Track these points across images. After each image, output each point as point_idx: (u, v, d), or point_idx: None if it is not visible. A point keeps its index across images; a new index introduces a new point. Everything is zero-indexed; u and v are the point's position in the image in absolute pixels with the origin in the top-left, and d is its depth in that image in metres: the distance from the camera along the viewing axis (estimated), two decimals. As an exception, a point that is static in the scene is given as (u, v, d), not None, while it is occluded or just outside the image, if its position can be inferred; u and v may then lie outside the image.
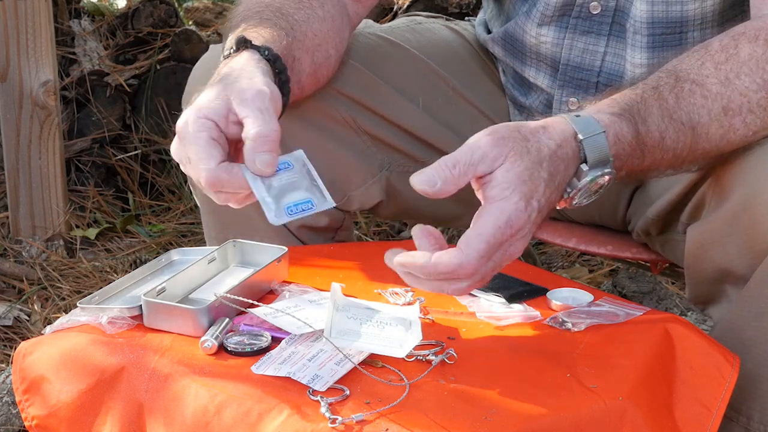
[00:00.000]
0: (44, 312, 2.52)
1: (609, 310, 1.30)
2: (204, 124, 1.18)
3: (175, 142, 1.22)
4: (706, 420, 1.18)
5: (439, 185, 1.16)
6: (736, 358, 1.23)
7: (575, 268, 2.74)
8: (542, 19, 1.58)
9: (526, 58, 1.64)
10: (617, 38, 1.55)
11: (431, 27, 1.76)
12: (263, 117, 1.17)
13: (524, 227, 1.16)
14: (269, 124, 1.17)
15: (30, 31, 2.71)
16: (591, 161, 1.20)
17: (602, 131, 1.21)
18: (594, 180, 1.21)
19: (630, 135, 1.23)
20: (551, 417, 1.09)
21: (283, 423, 1.07)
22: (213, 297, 1.23)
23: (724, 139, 1.29)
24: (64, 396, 1.20)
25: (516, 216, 1.15)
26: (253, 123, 1.16)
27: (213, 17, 3.61)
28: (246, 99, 1.18)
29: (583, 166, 1.20)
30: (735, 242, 1.29)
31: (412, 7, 3.15)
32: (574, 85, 1.60)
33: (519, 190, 1.15)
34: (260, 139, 1.16)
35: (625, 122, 1.23)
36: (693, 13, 1.49)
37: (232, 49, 1.31)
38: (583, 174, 1.20)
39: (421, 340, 1.18)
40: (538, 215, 1.18)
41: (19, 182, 2.80)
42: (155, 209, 3.06)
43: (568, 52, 1.58)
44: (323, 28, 1.47)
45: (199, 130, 1.18)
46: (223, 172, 1.17)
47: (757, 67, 1.28)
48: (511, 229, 1.15)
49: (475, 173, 1.16)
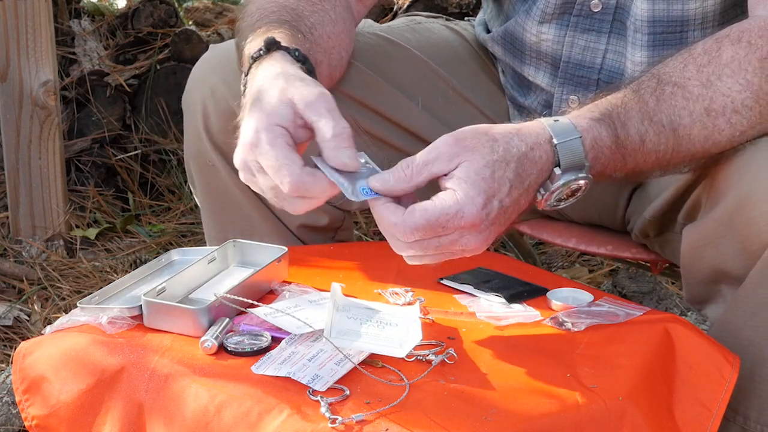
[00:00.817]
0: (44, 312, 2.52)
1: (609, 310, 1.30)
2: (278, 131, 1.20)
3: (243, 152, 1.22)
4: (706, 420, 1.18)
5: (391, 182, 1.18)
6: (736, 358, 1.23)
7: (575, 268, 2.74)
8: (543, 17, 1.58)
9: (525, 57, 1.64)
10: (618, 36, 1.56)
11: (431, 27, 1.76)
12: (335, 117, 1.20)
13: (479, 224, 1.16)
14: (343, 123, 1.21)
15: (30, 31, 2.71)
16: (564, 165, 1.21)
17: (578, 136, 1.21)
18: (567, 184, 1.22)
19: (609, 140, 1.24)
20: (551, 417, 1.09)
21: (283, 423, 1.07)
22: (213, 297, 1.23)
23: (709, 140, 1.29)
24: (64, 396, 1.20)
25: (470, 211, 1.15)
26: (328, 124, 1.20)
27: (213, 17, 3.61)
28: (311, 102, 1.21)
29: (557, 170, 1.21)
30: (729, 243, 1.29)
31: (412, 7, 3.15)
32: (574, 82, 1.60)
33: (477, 186, 1.16)
34: (341, 137, 1.19)
35: (604, 127, 1.24)
36: (694, 12, 1.50)
37: (263, 50, 1.31)
38: (556, 177, 1.21)
39: (421, 340, 1.18)
40: (500, 214, 1.18)
41: (19, 182, 2.80)
42: (155, 209, 3.06)
43: (569, 49, 1.58)
44: (336, 31, 1.48)
45: (276, 137, 1.20)
46: (307, 176, 1.19)
47: (739, 68, 1.28)
48: (461, 221, 1.15)
49: (430, 172, 1.17)
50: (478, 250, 1.20)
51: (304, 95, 1.21)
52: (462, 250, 1.19)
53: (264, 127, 1.20)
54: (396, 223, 1.17)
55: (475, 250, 1.20)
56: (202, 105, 1.55)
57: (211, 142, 1.56)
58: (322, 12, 1.47)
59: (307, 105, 1.21)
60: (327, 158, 1.20)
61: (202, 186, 1.62)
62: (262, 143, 1.19)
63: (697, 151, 1.30)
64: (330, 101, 1.22)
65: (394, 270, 1.42)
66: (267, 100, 1.22)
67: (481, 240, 1.18)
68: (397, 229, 1.17)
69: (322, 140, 1.20)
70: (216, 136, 1.55)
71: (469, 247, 1.19)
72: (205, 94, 1.55)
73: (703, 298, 1.40)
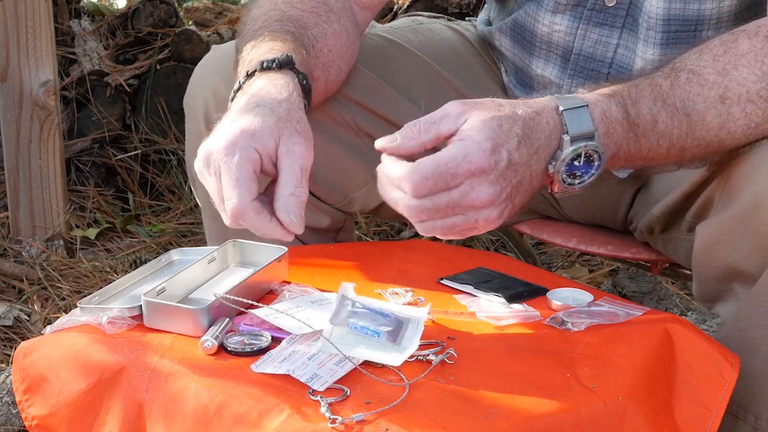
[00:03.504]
0: (44, 312, 2.52)
1: (609, 310, 1.30)
2: (252, 156, 1.21)
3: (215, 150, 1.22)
4: (706, 420, 1.18)
5: (398, 141, 1.18)
6: (736, 358, 1.23)
7: (575, 268, 2.74)
8: (556, 7, 1.58)
9: (535, 49, 1.63)
10: (630, 31, 1.56)
11: (433, 27, 1.76)
12: (302, 177, 1.22)
13: (488, 170, 1.15)
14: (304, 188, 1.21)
15: (30, 31, 2.71)
16: (572, 132, 1.21)
17: (585, 104, 1.22)
18: (578, 152, 1.21)
19: (619, 115, 1.24)
20: (551, 417, 1.09)
21: (283, 423, 1.07)
22: (213, 297, 1.23)
23: (723, 128, 1.29)
24: (64, 396, 1.20)
25: (477, 154, 1.15)
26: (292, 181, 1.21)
27: (213, 17, 3.61)
28: (293, 153, 1.22)
29: (565, 137, 1.21)
30: (745, 241, 1.29)
31: (412, 7, 3.16)
32: (584, 75, 1.60)
33: (483, 132, 1.15)
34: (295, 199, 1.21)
35: (614, 102, 1.24)
36: (710, 12, 1.50)
37: (276, 62, 1.32)
38: (565, 144, 1.21)
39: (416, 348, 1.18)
40: (510, 169, 1.17)
41: (19, 182, 2.80)
42: (155, 209, 3.06)
43: (581, 42, 1.58)
44: (338, 44, 1.48)
45: (247, 160, 1.21)
46: (251, 210, 1.20)
47: (756, 59, 1.29)
48: (470, 165, 1.14)
49: (438, 131, 1.18)
50: (491, 209, 1.17)
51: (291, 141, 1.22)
52: (473, 207, 1.16)
53: (244, 144, 1.21)
54: (403, 174, 1.15)
55: (487, 206, 1.17)
56: (204, 106, 1.55)
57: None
58: (326, 24, 1.47)
59: (287, 152, 1.22)
60: (276, 208, 1.21)
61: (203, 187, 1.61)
62: (232, 156, 1.20)
63: (712, 140, 1.29)
64: (307, 159, 1.23)
65: (394, 270, 1.42)
66: (261, 119, 1.23)
67: (494, 194, 1.16)
68: (405, 180, 1.15)
69: (278, 194, 1.21)
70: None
71: (480, 199, 1.16)
72: (206, 95, 1.55)
73: (715, 296, 1.39)
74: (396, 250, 1.50)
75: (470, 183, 1.15)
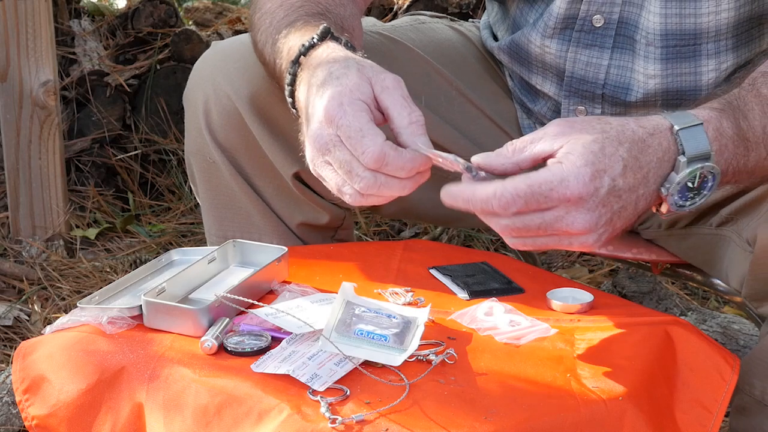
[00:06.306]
0: (44, 312, 2.51)
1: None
2: (362, 105, 1.19)
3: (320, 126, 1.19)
4: (706, 421, 1.18)
5: (492, 157, 1.14)
6: (736, 360, 1.23)
7: (575, 268, 2.74)
8: (545, 31, 1.57)
9: (532, 67, 1.63)
10: (622, 50, 1.54)
11: (435, 27, 1.76)
12: (410, 105, 1.20)
13: (587, 198, 1.09)
14: (418, 111, 1.20)
15: (30, 31, 2.71)
16: (689, 153, 1.14)
17: (700, 123, 1.16)
18: (694, 174, 1.14)
19: (731, 130, 1.18)
20: (551, 417, 1.09)
21: (283, 423, 1.07)
22: (213, 297, 1.23)
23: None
24: (64, 396, 1.20)
25: (575, 180, 1.08)
26: (404, 111, 1.19)
27: (213, 17, 3.61)
28: (387, 87, 1.20)
29: (681, 158, 1.14)
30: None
31: (412, 7, 3.15)
32: (579, 95, 1.59)
33: (584, 157, 1.09)
34: (416, 125, 1.19)
35: (725, 117, 1.19)
36: (707, 25, 1.49)
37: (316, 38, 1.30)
38: (681, 166, 1.14)
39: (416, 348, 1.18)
40: (612, 196, 1.10)
41: (19, 182, 2.80)
42: (155, 209, 3.06)
43: (572, 64, 1.58)
44: (354, 25, 1.48)
45: (360, 110, 1.18)
46: (389, 148, 1.16)
47: None
48: (566, 191, 1.08)
49: (534, 151, 1.12)
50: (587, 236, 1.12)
51: (380, 79, 1.21)
52: (568, 233, 1.11)
53: (347, 100, 1.18)
54: (493, 192, 1.10)
55: (583, 233, 1.11)
56: (204, 102, 1.55)
57: (213, 139, 1.55)
58: (341, 6, 1.46)
59: (384, 89, 1.20)
60: (403, 142, 1.19)
61: (203, 183, 1.62)
62: (346, 114, 1.17)
63: None
64: (404, 88, 1.21)
65: (394, 270, 1.42)
66: (346, 77, 1.21)
67: (590, 221, 1.10)
68: (495, 198, 1.10)
69: (399, 126, 1.19)
70: (217, 133, 1.55)
71: (575, 226, 1.10)
72: (207, 91, 1.55)
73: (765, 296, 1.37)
74: (396, 250, 1.50)
75: (565, 208, 1.10)
